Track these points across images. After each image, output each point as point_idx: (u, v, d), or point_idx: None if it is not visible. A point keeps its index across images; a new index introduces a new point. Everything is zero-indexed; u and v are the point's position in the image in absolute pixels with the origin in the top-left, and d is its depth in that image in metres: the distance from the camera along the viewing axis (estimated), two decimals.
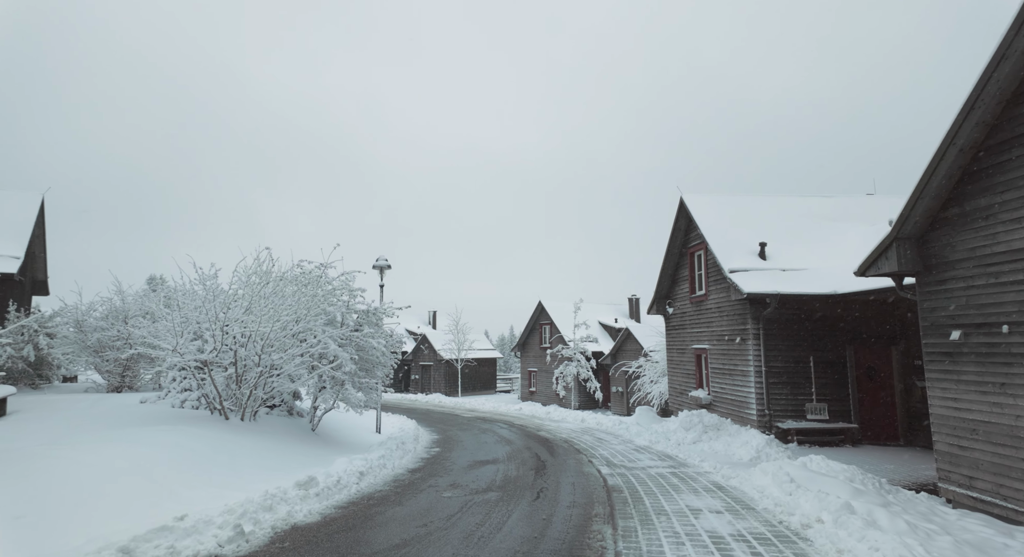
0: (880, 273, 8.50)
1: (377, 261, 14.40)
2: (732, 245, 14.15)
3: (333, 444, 10.17)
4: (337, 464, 7.84)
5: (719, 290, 14.83)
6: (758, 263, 13.60)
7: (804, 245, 14.26)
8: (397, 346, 11.42)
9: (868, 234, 13.94)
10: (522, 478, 9.01)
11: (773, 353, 13.03)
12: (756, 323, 13.07)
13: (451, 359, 37.27)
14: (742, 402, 13.43)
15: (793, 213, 15.61)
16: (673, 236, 17.34)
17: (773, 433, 12.59)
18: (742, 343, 13.52)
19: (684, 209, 16.46)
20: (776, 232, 14.52)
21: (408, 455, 10.41)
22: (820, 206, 15.92)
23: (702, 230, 14.80)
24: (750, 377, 13.09)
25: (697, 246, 16.23)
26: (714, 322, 15.11)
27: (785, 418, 12.82)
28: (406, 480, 8.46)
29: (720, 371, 14.65)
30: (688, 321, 16.93)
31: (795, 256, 13.81)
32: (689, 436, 13.14)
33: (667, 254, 17.76)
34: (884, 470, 9.89)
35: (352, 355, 10.26)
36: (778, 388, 12.94)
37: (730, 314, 14.18)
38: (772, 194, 16.88)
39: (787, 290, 12.35)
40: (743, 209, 15.81)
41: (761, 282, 12.70)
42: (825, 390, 12.94)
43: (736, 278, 12.91)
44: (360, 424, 14.42)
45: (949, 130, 6.98)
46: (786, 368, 13.01)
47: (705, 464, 10.21)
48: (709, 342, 15.37)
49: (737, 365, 13.73)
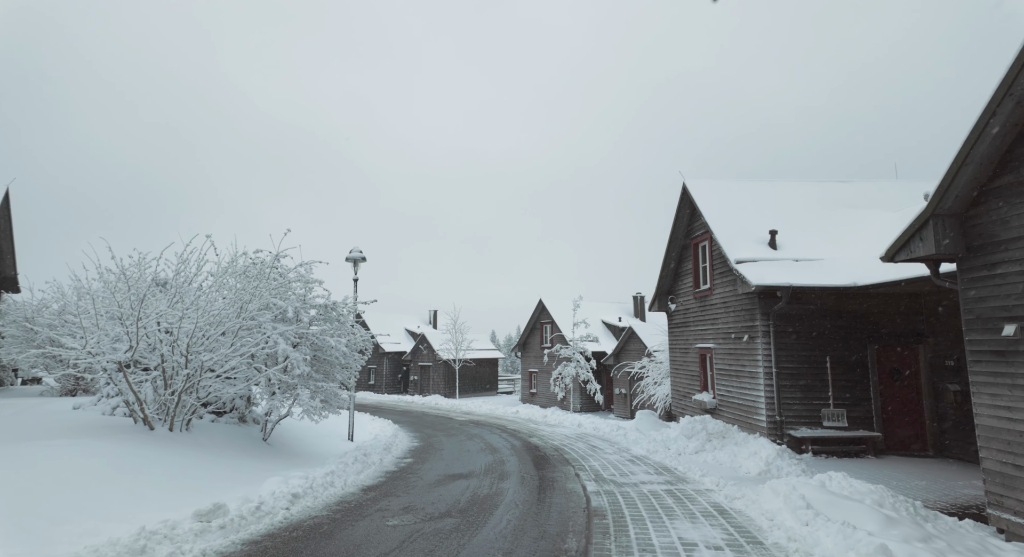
0: (913, 257, 7.17)
1: (350, 253, 13.23)
2: (739, 234, 12.83)
3: (284, 457, 9.00)
4: (267, 485, 6.65)
5: (725, 284, 13.51)
6: (768, 253, 12.27)
7: (819, 233, 12.90)
8: (363, 345, 10.21)
9: (892, 221, 12.59)
10: (492, 498, 7.77)
11: (785, 353, 11.70)
12: (766, 319, 11.74)
13: (449, 359, 36.06)
14: (750, 407, 12.11)
15: (807, 199, 14.24)
16: (675, 226, 16.02)
17: (785, 442, 11.26)
18: (750, 341, 12.19)
19: (687, 196, 15.15)
20: (788, 220, 13.18)
21: (370, 468, 9.21)
22: (837, 192, 14.54)
23: (706, 218, 13.48)
24: (759, 379, 11.77)
25: (701, 236, 14.91)
26: (720, 319, 13.78)
27: (798, 425, 11.48)
28: (354, 502, 7.25)
29: (726, 372, 13.33)
30: (692, 318, 15.61)
31: (809, 245, 12.46)
32: (691, 445, 11.84)
33: (669, 246, 16.44)
34: (915, 488, 8.55)
35: (306, 355, 9.09)
36: (791, 391, 11.60)
37: (737, 310, 12.85)
38: (783, 179, 15.51)
39: (801, 282, 11.01)
40: (751, 195, 14.47)
41: (771, 273, 11.37)
42: (844, 394, 11.58)
43: (743, 269, 11.59)
44: (332, 431, 13.26)
45: (1004, 78, 5.66)
46: (799, 369, 11.67)
47: (707, 479, 8.92)
48: (714, 341, 14.05)
49: (745, 366, 12.41)
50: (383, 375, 41.95)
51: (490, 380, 43.80)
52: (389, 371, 42.25)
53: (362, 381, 43.44)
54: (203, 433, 8.18)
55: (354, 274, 13.26)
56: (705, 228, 14.57)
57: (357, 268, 13.29)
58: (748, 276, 11.30)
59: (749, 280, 11.19)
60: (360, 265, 13.30)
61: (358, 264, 13.25)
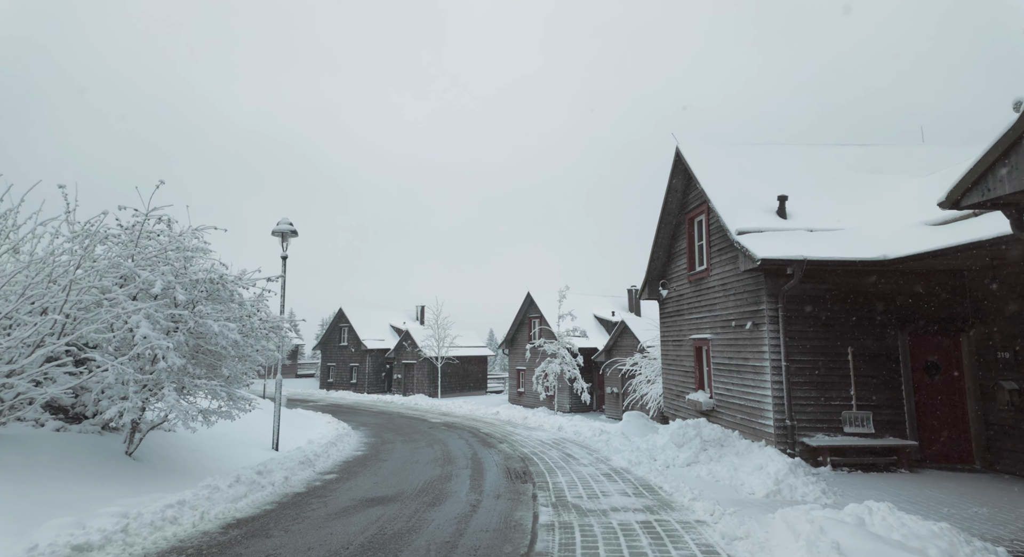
0: (988, 200, 5.03)
1: (278, 225, 11.10)
2: (741, 201, 10.70)
3: (145, 479, 6.86)
4: (42, 532, 4.51)
5: (724, 262, 11.38)
6: (776, 222, 10.14)
7: (838, 201, 10.77)
8: (263, 332, 8.09)
9: (926, 186, 10.46)
10: (399, 539, 5.66)
11: (797, 343, 9.57)
12: (773, 302, 9.61)
13: (430, 356, 33.92)
14: (754, 409, 9.99)
15: (822, 165, 12.11)
16: (667, 200, 13.89)
17: (797, 452, 9.15)
18: (755, 330, 10.07)
19: (681, 164, 13.02)
20: (801, 186, 11.04)
21: (259, 492, 7.07)
22: (856, 156, 12.40)
23: (702, 185, 11.35)
24: (765, 375, 9.65)
25: (697, 209, 12.77)
26: (718, 304, 11.65)
27: (814, 431, 9.36)
28: (190, 549, 5.12)
29: (725, 367, 11.21)
30: (686, 305, 13.48)
31: (826, 214, 10.33)
32: (682, 455, 9.71)
33: (660, 223, 14.32)
34: (976, 518, 6.42)
35: (179, 343, 6.98)
36: (804, 390, 9.48)
37: (739, 292, 10.73)
38: (793, 143, 13.37)
39: (817, 255, 8.89)
40: (756, 161, 12.34)
41: (780, 245, 9.25)
42: (869, 393, 9.45)
43: (746, 241, 9.46)
44: (256, 438, 11.15)
45: None
46: (814, 363, 9.55)
47: (699, 505, 6.79)
48: (711, 330, 11.92)
49: (748, 359, 10.29)
50: (365, 374, 39.86)
51: (479, 379, 41.70)
52: (372, 369, 40.16)
53: (343, 380, 41.36)
54: (16, 448, 6.06)
55: (283, 250, 11.13)
56: (702, 199, 12.43)
57: (286, 243, 11.16)
58: (751, 248, 9.17)
59: (753, 253, 9.06)
60: (291, 240, 11.18)
61: (287, 239, 11.12)
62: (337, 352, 42.39)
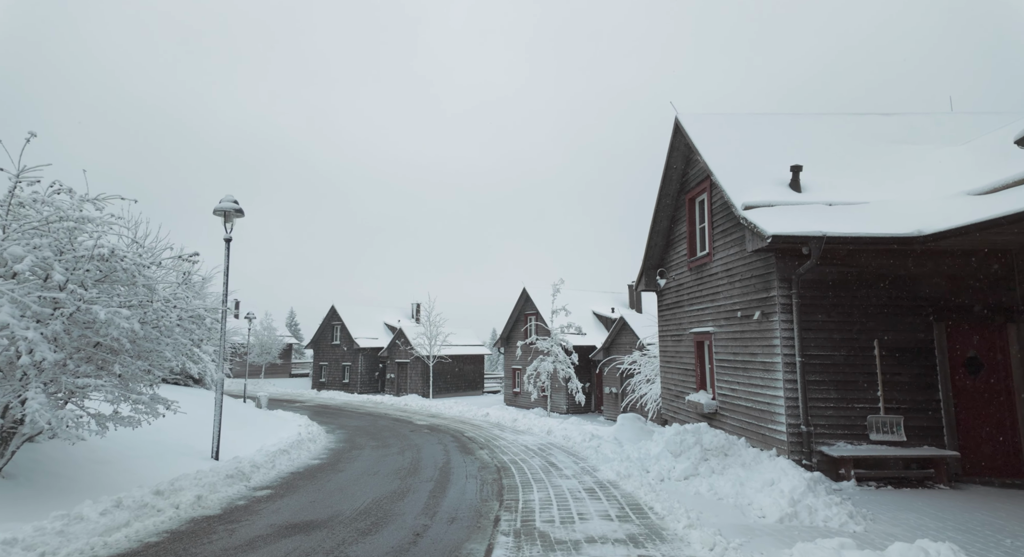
0: None
1: (220, 202, 9.78)
2: (748, 174, 9.31)
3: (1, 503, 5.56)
4: None
5: (729, 244, 9.99)
6: (789, 196, 8.74)
7: (860, 173, 9.36)
8: (172, 322, 6.76)
9: (963, 155, 9.07)
10: None
11: (814, 335, 8.18)
12: (786, 288, 8.22)
13: (422, 355, 32.57)
14: (764, 412, 8.60)
15: (839, 135, 10.70)
16: (665, 180, 12.50)
17: (815, 463, 7.76)
18: (764, 321, 8.68)
19: (680, 138, 11.63)
20: (817, 157, 9.64)
21: (153, 518, 5.73)
22: (878, 126, 10.97)
23: (704, 157, 9.95)
24: (776, 372, 8.26)
25: (698, 188, 11.38)
26: (721, 292, 10.26)
27: (834, 439, 7.96)
28: None
29: (730, 365, 9.82)
30: (686, 296, 12.08)
31: (847, 186, 8.93)
32: (679, 466, 8.33)
33: (657, 207, 12.93)
34: None
35: (62, 332, 5.67)
36: (822, 390, 8.08)
37: (745, 278, 9.34)
38: (806, 113, 11.94)
39: (839, 231, 7.49)
40: (765, 131, 10.94)
41: (794, 220, 7.85)
42: (899, 394, 8.05)
43: (755, 216, 8.07)
44: (196, 446, 9.83)
45: None
46: (835, 359, 8.15)
47: (696, 534, 5.42)
48: (714, 323, 10.53)
49: (756, 355, 8.90)
50: (358, 373, 38.59)
51: (475, 379, 40.36)
52: (365, 369, 38.89)
53: (336, 379, 40.13)
54: None
55: (225, 232, 9.80)
56: (703, 174, 11.04)
57: (230, 225, 9.83)
58: (760, 224, 7.78)
59: (762, 229, 7.66)
60: (235, 221, 9.86)
61: (231, 218, 9.80)
62: (329, 351, 41.16)
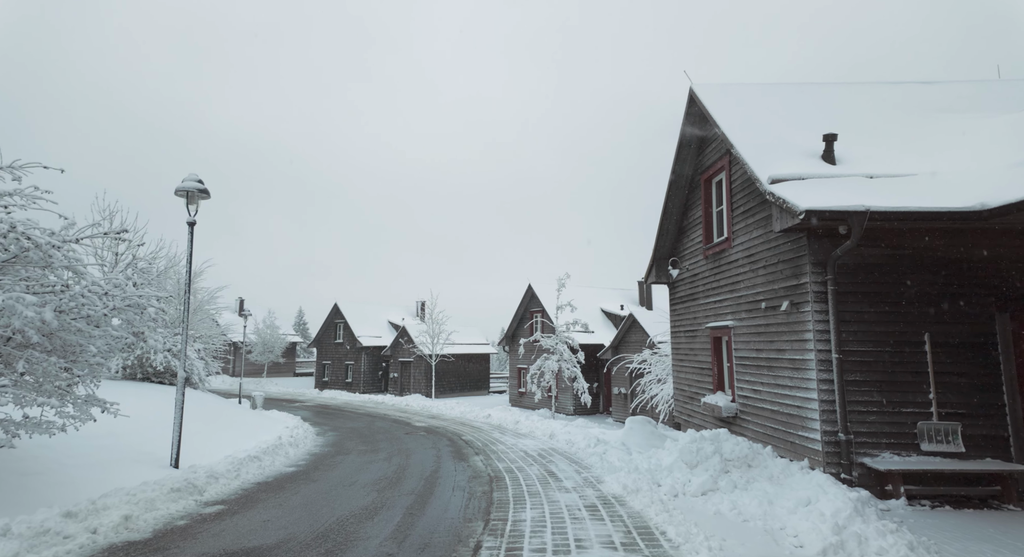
0: None
1: (183, 182, 8.81)
2: (774, 147, 8.18)
3: None
4: None
5: (751, 227, 8.86)
6: (821, 168, 7.60)
7: (903, 143, 8.19)
8: (99, 312, 5.77)
9: (1018, 123, 7.84)
10: None
11: (853, 328, 7.04)
12: (820, 274, 7.09)
13: (424, 354, 31.58)
14: (793, 416, 7.47)
15: (876, 104, 9.53)
16: (678, 159, 11.38)
17: (855, 477, 6.62)
18: (793, 312, 7.55)
19: (695, 111, 10.51)
20: (852, 128, 8.48)
21: (51, 548, 4.75)
22: (920, 95, 9.78)
23: (723, 129, 8.83)
24: (809, 372, 7.13)
25: (715, 166, 10.25)
26: (742, 281, 9.13)
27: (877, 448, 6.82)
28: None
29: (752, 363, 8.69)
30: (701, 287, 10.95)
31: (890, 158, 7.76)
32: (695, 479, 7.22)
33: (669, 191, 11.80)
34: None
35: None
36: (863, 392, 6.94)
37: (771, 264, 8.20)
38: (835, 83, 10.75)
39: (886, 205, 6.34)
40: (790, 101, 9.79)
41: (830, 194, 6.72)
42: (955, 396, 6.88)
43: (783, 190, 6.95)
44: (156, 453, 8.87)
45: None
46: (877, 356, 7.00)
47: None
48: (734, 316, 9.40)
49: (783, 351, 7.77)
50: (361, 372, 37.73)
51: (480, 378, 39.36)
52: (368, 368, 38.02)
53: (338, 378, 39.32)
54: None
55: (189, 215, 8.83)
56: (721, 150, 9.92)
57: (194, 208, 8.86)
58: (791, 199, 6.65)
59: (793, 204, 6.53)
60: (199, 203, 8.88)
61: (195, 200, 8.83)
62: (332, 350, 40.36)
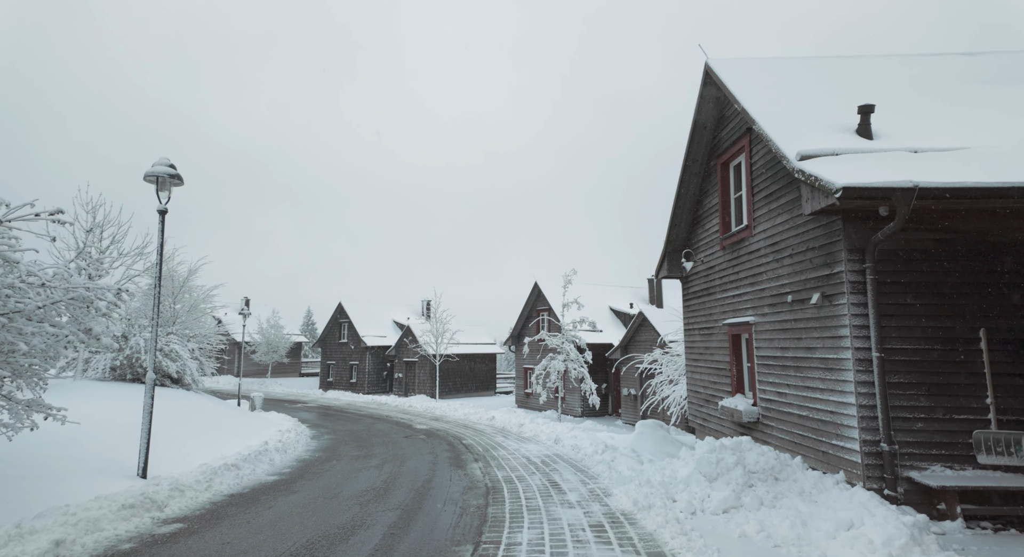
0: None
1: (153, 166, 8.10)
2: (801, 121, 7.32)
3: None
4: None
5: (775, 212, 8.00)
6: (856, 143, 6.73)
7: (950, 116, 7.31)
8: (30, 305, 5.03)
9: None
10: None
11: (896, 323, 6.19)
12: (858, 261, 6.24)
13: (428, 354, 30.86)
14: (826, 423, 6.62)
15: (915, 77, 8.63)
16: (692, 144, 10.53)
17: (901, 493, 5.77)
18: (825, 305, 6.69)
19: (710, 90, 9.67)
20: (888, 101, 7.58)
21: None
22: (959, 66, 8.87)
23: (744, 105, 7.97)
24: (844, 372, 6.28)
25: (733, 148, 9.40)
26: (765, 273, 8.28)
27: (925, 460, 5.96)
28: None
29: (777, 363, 7.84)
30: (718, 280, 10.10)
31: (935, 131, 6.88)
32: (715, 494, 6.39)
33: (682, 177, 10.96)
34: None
35: None
36: (908, 396, 6.09)
37: (798, 252, 7.35)
38: (864, 56, 9.84)
39: (936, 180, 5.48)
40: (815, 75, 8.92)
41: (870, 169, 5.86)
42: (1017, 401, 6.00)
43: (815, 167, 6.10)
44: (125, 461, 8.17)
45: None
46: (925, 355, 6.14)
47: None
48: (755, 311, 8.55)
49: (813, 350, 6.91)
50: (365, 372, 37.06)
51: (487, 379, 38.55)
52: (372, 368, 37.35)
53: (343, 379, 38.69)
54: None
55: (159, 202, 8.12)
56: (741, 130, 9.07)
57: (165, 194, 8.15)
58: (825, 175, 5.80)
59: (828, 181, 5.68)
60: (172, 189, 8.17)
61: (167, 186, 8.11)
62: (336, 350, 39.75)
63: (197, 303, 19.81)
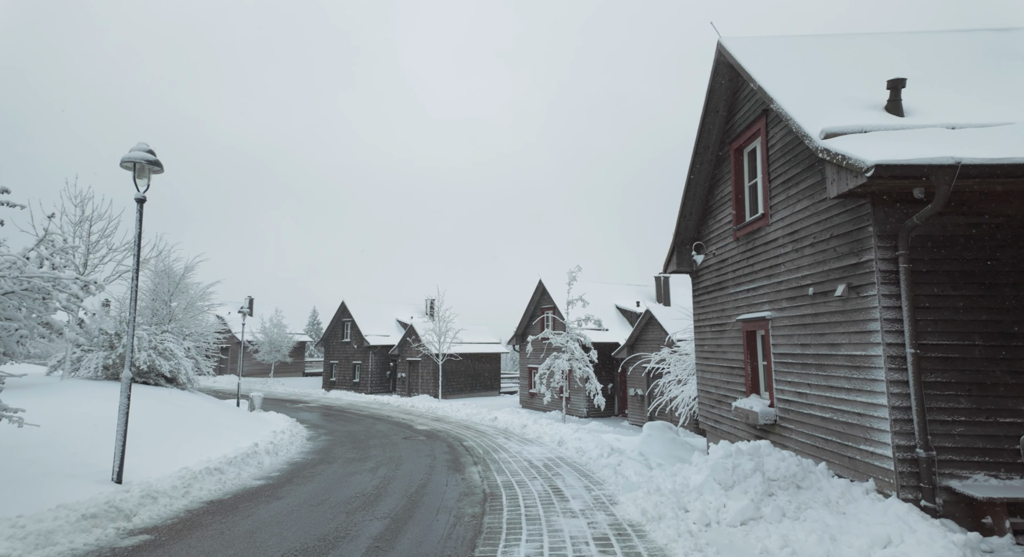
0: None
1: (130, 152, 7.63)
2: (825, 99, 6.75)
3: None
4: None
5: (794, 199, 7.43)
6: (886, 120, 6.15)
7: (987, 92, 6.72)
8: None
9: None
10: None
11: (932, 316, 5.60)
12: (888, 248, 5.67)
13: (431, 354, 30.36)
14: (853, 425, 6.04)
15: (942, 53, 8.03)
16: (703, 130, 9.96)
17: (940, 505, 5.19)
18: (852, 298, 6.12)
19: (723, 70, 9.11)
20: (919, 77, 6.99)
21: None
22: (994, 41, 8.26)
23: (760, 83, 7.40)
24: (875, 371, 5.70)
25: (748, 132, 8.83)
26: (783, 264, 7.70)
27: (967, 468, 5.37)
28: None
29: (797, 361, 7.26)
30: (731, 274, 9.53)
31: (972, 108, 6.29)
32: (732, 504, 5.83)
33: (693, 165, 10.39)
34: None
35: None
36: (946, 397, 5.50)
37: (821, 240, 6.77)
38: (891, 33, 9.23)
39: (980, 157, 4.90)
40: (837, 53, 8.32)
41: (904, 146, 5.29)
42: None
43: (841, 145, 5.52)
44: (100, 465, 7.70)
45: None
46: (965, 351, 5.56)
47: None
48: (772, 306, 7.97)
49: (838, 346, 6.34)
50: (368, 372, 36.64)
51: (491, 379, 38.02)
52: (375, 368, 36.91)
53: (346, 378, 38.28)
54: None
55: (137, 190, 7.65)
56: (757, 112, 8.50)
57: (144, 182, 7.68)
58: (854, 153, 5.23)
59: (858, 158, 5.11)
60: (151, 177, 7.70)
61: (145, 174, 7.64)
62: (339, 349, 39.35)
63: (194, 301, 19.39)
